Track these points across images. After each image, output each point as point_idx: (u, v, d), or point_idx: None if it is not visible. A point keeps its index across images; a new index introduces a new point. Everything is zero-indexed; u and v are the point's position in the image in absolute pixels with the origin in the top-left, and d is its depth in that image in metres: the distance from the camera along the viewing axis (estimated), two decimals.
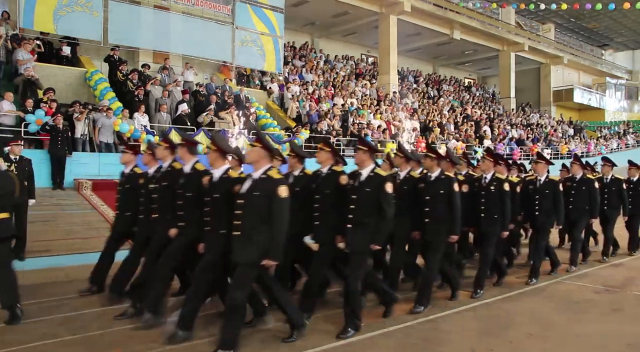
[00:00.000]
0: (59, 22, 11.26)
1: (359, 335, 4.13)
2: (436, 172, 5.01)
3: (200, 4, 13.68)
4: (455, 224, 4.82)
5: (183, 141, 4.47)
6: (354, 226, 4.22)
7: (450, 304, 5.09)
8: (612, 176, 7.81)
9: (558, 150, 22.27)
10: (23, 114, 9.25)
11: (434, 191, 4.92)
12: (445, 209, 4.84)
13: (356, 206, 4.23)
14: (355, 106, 16.75)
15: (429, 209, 4.91)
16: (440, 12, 21.63)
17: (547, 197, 6.03)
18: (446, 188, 4.86)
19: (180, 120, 11.68)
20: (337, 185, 4.45)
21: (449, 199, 4.84)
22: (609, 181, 7.82)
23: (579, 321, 4.68)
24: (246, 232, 3.63)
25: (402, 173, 5.30)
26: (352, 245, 4.24)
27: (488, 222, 5.44)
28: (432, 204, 4.90)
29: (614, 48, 36.91)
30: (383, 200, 4.16)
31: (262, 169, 3.75)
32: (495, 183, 5.45)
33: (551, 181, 6.15)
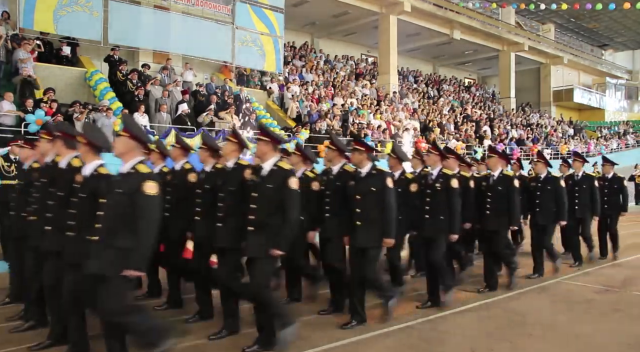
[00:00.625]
0: (59, 22, 11.25)
1: (359, 335, 4.12)
2: (366, 167, 4.35)
3: (200, 4, 13.67)
4: (389, 226, 4.17)
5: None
6: (254, 228, 3.75)
7: (451, 304, 5.08)
8: (583, 173, 7.39)
9: (558, 150, 22.26)
10: (23, 114, 9.25)
11: (365, 189, 4.28)
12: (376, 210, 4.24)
13: (257, 205, 3.75)
14: (355, 106, 16.75)
15: (360, 210, 4.28)
16: (440, 12, 21.63)
17: (500, 195, 5.56)
18: (378, 185, 4.23)
19: (180, 121, 11.67)
20: (242, 181, 4.02)
21: (380, 197, 4.21)
22: (579, 178, 7.35)
23: (579, 321, 4.68)
24: None
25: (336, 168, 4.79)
26: (249, 250, 3.80)
27: (432, 224, 4.92)
28: (362, 203, 4.29)
29: (614, 48, 36.90)
30: (286, 198, 3.67)
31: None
32: (442, 180, 4.95)
33: (505, 177, 5.73)
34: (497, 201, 5.55)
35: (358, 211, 4.25)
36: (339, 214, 4.49)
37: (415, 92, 21.73)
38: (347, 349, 3.89)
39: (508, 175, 5.59)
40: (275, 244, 3.61)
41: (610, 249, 8.03)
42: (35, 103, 9.52)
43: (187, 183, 4.55)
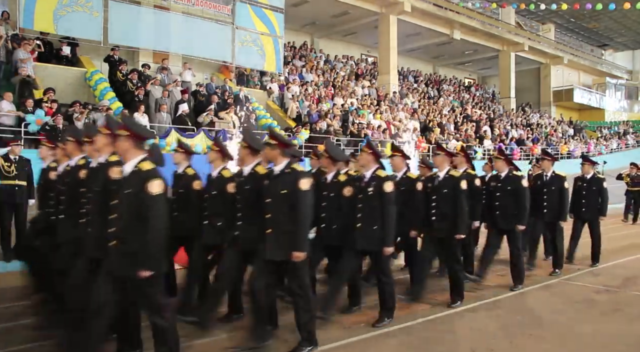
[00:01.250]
0: (59, 22, 11.24)
1: (359, 335, 4.12)
2: (280, 165, 3.77)
3: (200, 4, 13.66)
4: (298, 237, 3.58)
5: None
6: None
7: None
8: (552, 173, 6.70)
9: (558, 150, 22.27)
10: (23, 114, 9.25)
11: (275, 191, 3.74)
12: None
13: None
14: (355, 106, 16.75)
15: (269, 216, 3.76)
16: (440, 12, 21.64)
17: (447, 197, 5.05)
18: (289, 187, 3.65)
19: (180, 121, 11.67)
20: None
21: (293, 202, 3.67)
22: (548, 178, 6.70)
23: (579, 321, 4.68)
24: None
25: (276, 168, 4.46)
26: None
27: (363, 234, 4.27)
28: (272, 207, 3.76)
29: (614, 48, 36.91)
30: None
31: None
32: (375, 183, 4.29)
33: (451, 177, 5.31)
34: (443, 204, 5.04)
35: (268, 216, 3.69)
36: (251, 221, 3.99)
37: (415, 92, 21.73)
38: (346, 349, 3.89)
39: (454, 175, 5.05)
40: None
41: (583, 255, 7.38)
42: (35, 103, 9.52)
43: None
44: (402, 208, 4.72)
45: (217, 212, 4.27)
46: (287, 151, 3.81)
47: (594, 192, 7.07)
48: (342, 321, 4.47)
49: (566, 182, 6.61)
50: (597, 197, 7.05)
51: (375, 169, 4.37)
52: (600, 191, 7.07)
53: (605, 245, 9.16)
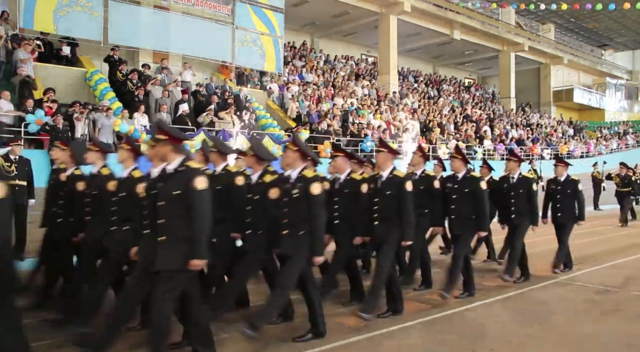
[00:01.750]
0: (59, 22, 11.25)
1: (359, 335, 4.12)
2: (174, 163, 3.41)
3: (200, 4, 13.67)
4: (196, 244, 3.25)
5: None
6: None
7: (451, 304, 5.08)
8: (519, 175, 6.24)
9: (558, 150, 22.27)
10: (23, 114, 9.25)
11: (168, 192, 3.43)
12: None
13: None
14: (355, 106, 16.75)
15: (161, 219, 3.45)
16: (440, 12, 21.65)
17: (390, 200, 4.60)
18: (182, 187, 3.30)
19: (180, 121, 11.67)
20: None
21: None
22: (515, 181, 6.22)
23: (579, 321, 4.68)
24: None
25: None
26: None
27: (289, 241, 3.93)
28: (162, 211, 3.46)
29: (614, 48, 36.91)
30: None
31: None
32: (301, 185, 3.91)
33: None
34: (386, 208, 4.57)
35: (161, 222, 3.27)
36: None
37: (415, 92, 21.73)
38: (346, 349, 3.89)
39: (398, 175, 4.53)
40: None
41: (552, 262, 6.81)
42: (36, 103, 9.52)
43: None
44: None
45: (126, 216, 3.95)
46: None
47: (568, 196, 6.57)
48: (342, 321, 4.47)
49: (535, 184, 6.18)
50: (573, 201, 6.56)
51: (302, 169, 3.94)
52: (576, 193, 6.58)
53: (606, 245, 9.21)
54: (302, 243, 3.81)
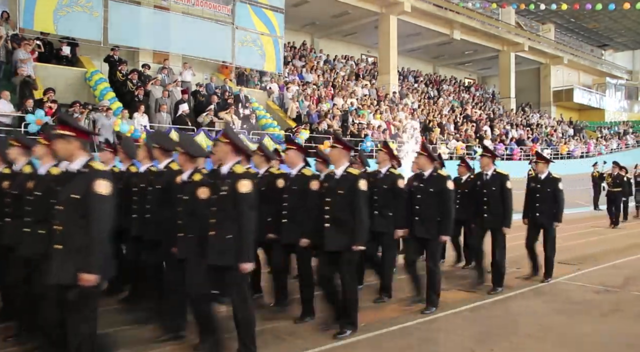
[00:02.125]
0: (59, 22, 11.25)
1: (359, 335, 4.12)
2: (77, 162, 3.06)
3: (200, 4, 13.67)
4: (90, 255, 2.78)
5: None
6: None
7: (451, 304, 5.08)
8: (494, 171, 5.75)
9: (558, 150, 22.28)
10: (22, 114, 9.25)
11: None
12: None
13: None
14: (355, 106, 16.75)
15: None
16: (440, 12, 21.65)
17: (343, 199, 4.18)
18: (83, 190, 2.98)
19: (180, 121, 11.68)
20: None
21: None
22: (489, 178, 5.75)
23: (579, 321, 4.68)
24: None
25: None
26: None
27: (215, 246, 3.53)
28: None
29: (614, 48, 36.91)
30: None
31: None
32: (230, 181, 3.53)
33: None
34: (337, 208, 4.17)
35: (57, 228, 2.95)
36: None
37: (415, 92, 21.74)
38: (346, 349, 3.89)
39: (352, 173, 4.13)
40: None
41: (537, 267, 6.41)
42: (36, 103, 9.52)
43: None
44: None
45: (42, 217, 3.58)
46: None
47: (548, 194, 6.09)
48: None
49: (509, 182, 5.64)
50: (553, 200, 6.08)
51: (234, 164, 3.54)
52: (555, 192, 6.08)
53: (606, 245, 9.21)
54: (228, 249, 3.38)
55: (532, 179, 6.38)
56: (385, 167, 5.27)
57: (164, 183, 4.13)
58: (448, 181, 4.81)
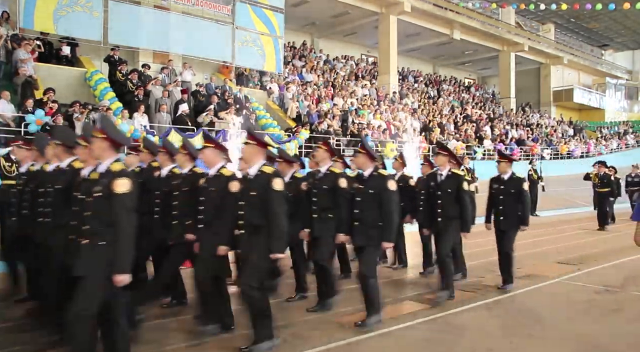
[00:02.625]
0: (59, 22, 11.25)
1: (359, 335, 4.13)
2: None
3: (200, 4, 13.67)
4: None
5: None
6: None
7: (451, 304, 5.08)
8: (448, 172, 5.30)
9: (558, 150, 22.28)
10: (22, 114, 9.25)
11: None
12: None
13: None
14: (355, 106, 16.75)
15: None
16: (440, 12, 21.65)
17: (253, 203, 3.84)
18: None
19: (180, 121, 11.68)
20: None
21: None
22: (443, 178, 5.30)
23: (579, 321, 4.68)
24: None
25: None
26: None
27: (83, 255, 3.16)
28: None
29: (614, 48, 36.91)
30: None
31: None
32: (104, 181, 3.17)
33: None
34: None
35: None
36: None
37: (415, 92, 21.74)
38: (347, 349, 3.89)
39: (266, 172, 3.72)
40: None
41: None
42: (36, 103, 9.52)
43: None
44: None
45: None
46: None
47: (512, 196, 5.61)
48: (342, 321, 4.47)
49: (465, 183, 5.25)
50: (517, 203, 5.62)
51: (112, 162, 3.17)
52: (520, 195, 5.61)
53: (606, 245, 9.21)
54: (101, 258, 3.00)
55: (495, 180, 5.80)
56: (326, 166, 4.92)
57: None
58: (389, 181, 4.32)
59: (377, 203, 4.26)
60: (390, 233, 4.24)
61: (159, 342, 3.87)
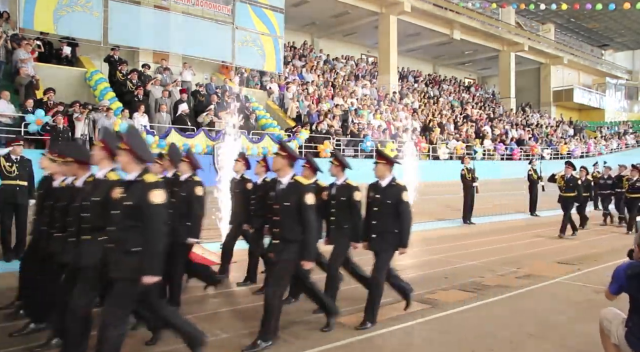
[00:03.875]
0: (59, 22, 11.26)
1: (359, 335, 4.13)
2: None
3: (200, 4, 13.68)
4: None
5: None
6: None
7: (451, 304, 5.08)
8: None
9: (558, 150, 22.29)
10: (14, 115, 9.26)
11: None
12: None
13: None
14: (355, 106, 16.75)
15: None
16: (440, 12, 21.67)
17: None
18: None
19: (180, 121, 11.68)
20: None
21: None
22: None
23: (579, 321, 4.68)
24: None
25: None
26: None
27: None
28: None
29: (614, 48, 36.93)
30: None
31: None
32: None
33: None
34: None
35: None
36: None
37: (415, 92, 21.75)
38: (347, 349, 3.89)
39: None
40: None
41: None
42: (36, 103, 9.53)
43: None
44: None
45: None
46: None
47: (388, 208, 4.41)
48: (342, 322, 4.47)
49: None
50: (394, 217, 4.39)
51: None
52: (398, 206, 4.37)
53: (606, 245, 9.20)
54: None
55: (372, 187, 4.60)
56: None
57: None
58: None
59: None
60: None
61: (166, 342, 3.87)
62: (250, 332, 4.01)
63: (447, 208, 13.06)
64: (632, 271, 3.12)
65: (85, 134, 10.05)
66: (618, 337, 3.21)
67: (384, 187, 4.46)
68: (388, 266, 4.54)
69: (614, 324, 3.26)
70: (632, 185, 10.88)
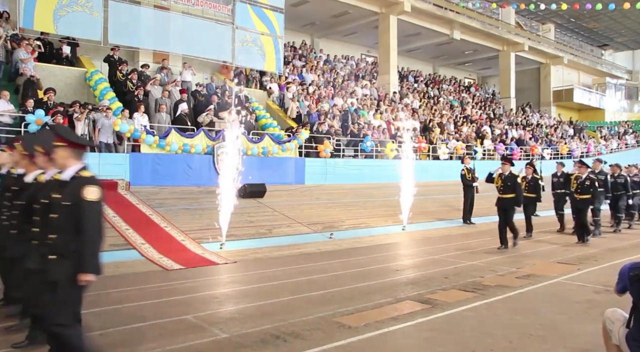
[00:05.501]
0: (59, 22, 11.26)
1: (359, 335, 4.13)
2: None
3: (200, 4, 13.68)
4: None
5: None
6: None
7: (451, 304, 5.08)
8: None
9: (558, 150, 22.28)
10: (14, 114, 9.26)
11: None
12: None
13: None
14: (355, 106, 16.75)
15: None
16: (440, 12, 21.67)
17: None
18: None
19: (180, 120, 11.68)
20: None
21: None
22: None
23: (579, 321, 4.68)
24: None
25: None
26: None
27: None
28: None
29: (614, 48, 36.94)
30: None
31: None
32: None
33: None
34: None
35: None
36: None
37: (415, 92, 21.75)
38: (346, 349, 3.89)
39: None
40: None
41: None
42: (36, 103, 9.53)
43: None
44: None
45: None
46: None
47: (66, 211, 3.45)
48: (342, 321, 4.47)
49: None
50: (71, 228, 3.22)
51: None
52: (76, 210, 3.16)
53: (605, 245, 9.20)
54: None
55: None
56: None
57: None
58: None
59: None
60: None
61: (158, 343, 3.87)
62: (251, 332, 4.02)
63: (447, 208, 13.06)
64: (634, 273, 3.10)
65: (85, 134, 10.06)
66: (619, 338, 3.20)
67: None
68: None
69: (615, 325, 3.26)
70: (581, 184, 9.34)
